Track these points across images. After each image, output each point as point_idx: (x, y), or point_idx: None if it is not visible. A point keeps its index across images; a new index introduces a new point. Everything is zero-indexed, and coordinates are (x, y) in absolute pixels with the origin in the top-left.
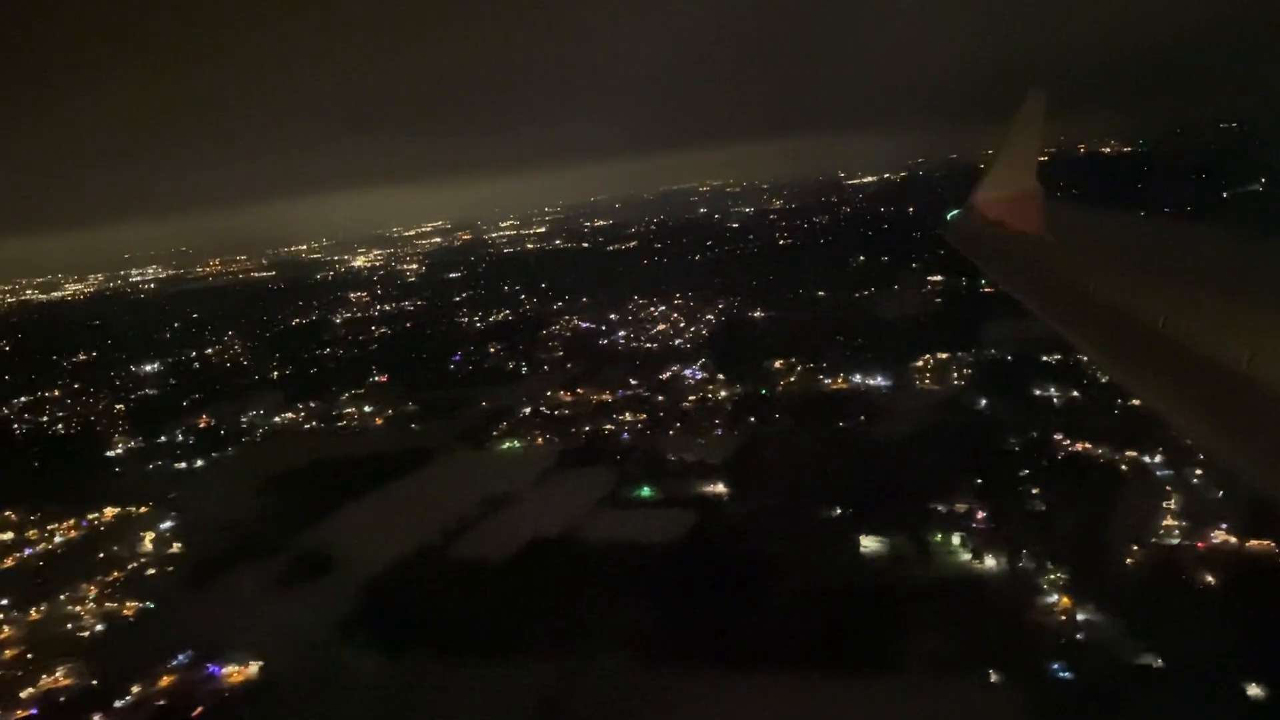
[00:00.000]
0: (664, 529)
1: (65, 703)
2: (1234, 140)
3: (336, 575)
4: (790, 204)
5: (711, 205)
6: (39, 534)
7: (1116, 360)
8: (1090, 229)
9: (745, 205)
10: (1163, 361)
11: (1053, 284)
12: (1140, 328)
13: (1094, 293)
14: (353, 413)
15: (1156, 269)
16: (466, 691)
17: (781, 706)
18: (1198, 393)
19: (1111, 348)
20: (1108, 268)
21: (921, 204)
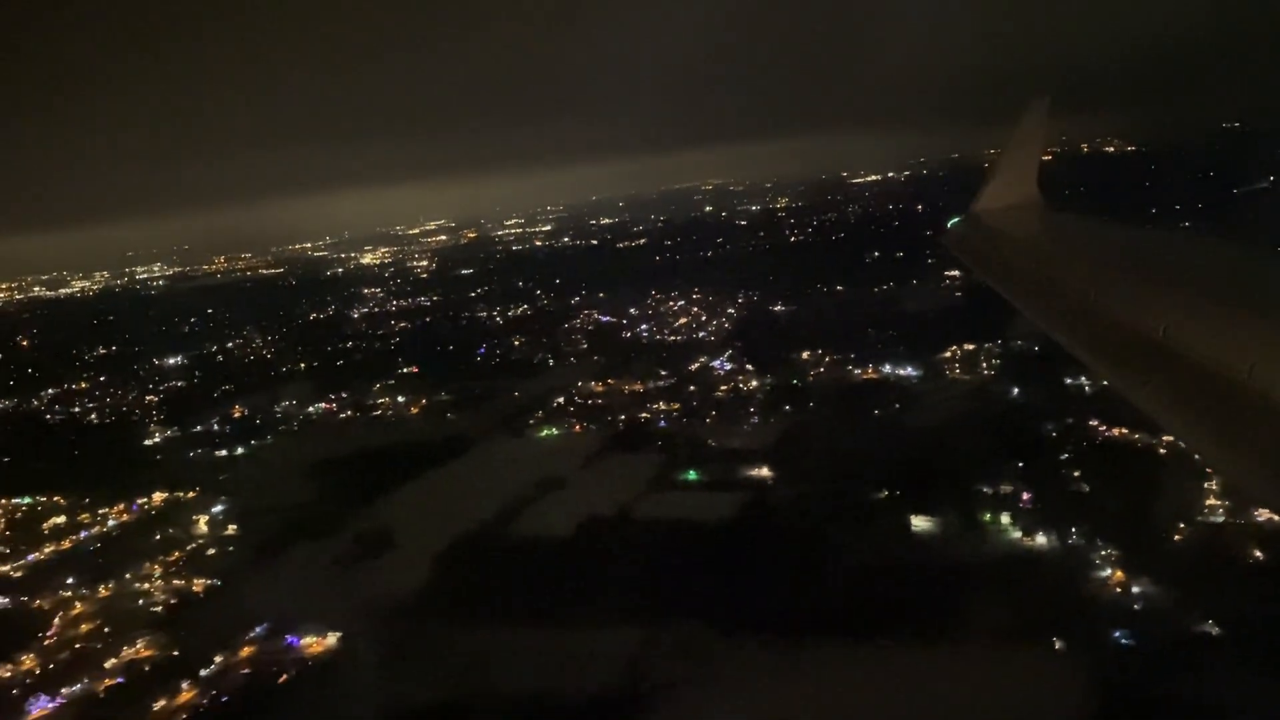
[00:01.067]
0: (717, 509)
1: (150, 671)
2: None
3: (401, 552)
4: (796, 202)
5: (716, 204)
6: (91, 518)
7: (1117, 370)
8: (1091, 238)
9: (751, 204)
10: (1164, 371)
11: (1053, 293)
12: (1141, 337)
13: (1095, 302)
14: (386, 402)
15: (1157, 278)
16: (546, 658)
17: (854, 673)
18: (1199, 403)
19: (1112, 357)
20: (1108, 277)
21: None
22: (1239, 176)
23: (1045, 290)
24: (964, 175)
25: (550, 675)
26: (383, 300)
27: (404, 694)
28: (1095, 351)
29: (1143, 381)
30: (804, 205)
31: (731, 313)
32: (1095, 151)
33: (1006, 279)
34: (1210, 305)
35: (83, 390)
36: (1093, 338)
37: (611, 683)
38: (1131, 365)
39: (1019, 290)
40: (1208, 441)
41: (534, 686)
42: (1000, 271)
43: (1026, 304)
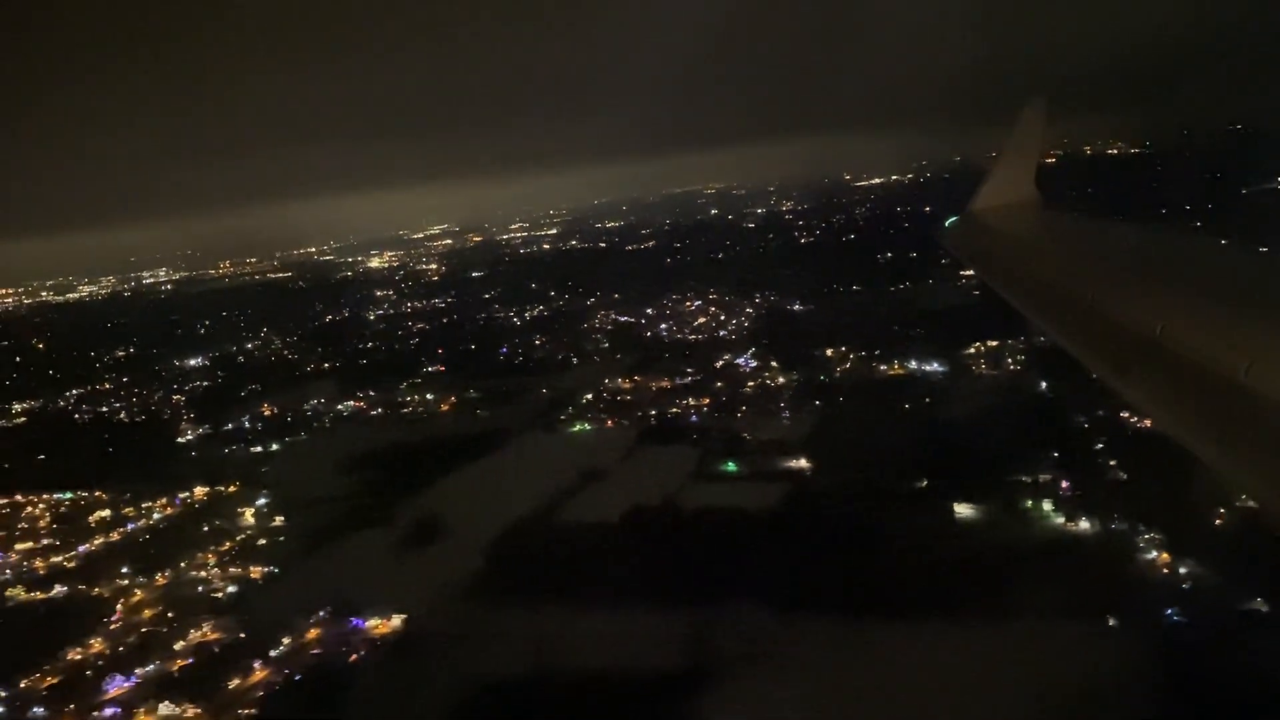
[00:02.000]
0: (761, 498)
1: (220, 652)
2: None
3: (454, 539)
4: (802, 205)
5: (721, 207)
6: (135, 511)
7: (1114, 369)
8: (1088, 237)
9: (755, 207)
10: (1160, 370)
11: (1050, 292)
12: (1138, 336)
13: (1091, 301)
14: (415, 400)
15: (1154, 277)
16: (609, 637)
17: (915, 650)
18: (1195, 402)
19: (1109, 356)
20: (1105, 275)
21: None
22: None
23: (1041, 288)
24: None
25: (615, 653)
26: (396, 302)
27: (475, 672)
28: (1091, 350)
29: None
30: (810, 207)
31: (750, 312)
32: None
33: (1003, 277)
34: (1206, 304)
35: (107, 390)
36: (1089, 336)
37: (674, 661)
38: (1128, 363)
39: (1015, 288)
40: (1204, 440)
41: (599, 664)
42: (997, 269)
43: (1023, 302)
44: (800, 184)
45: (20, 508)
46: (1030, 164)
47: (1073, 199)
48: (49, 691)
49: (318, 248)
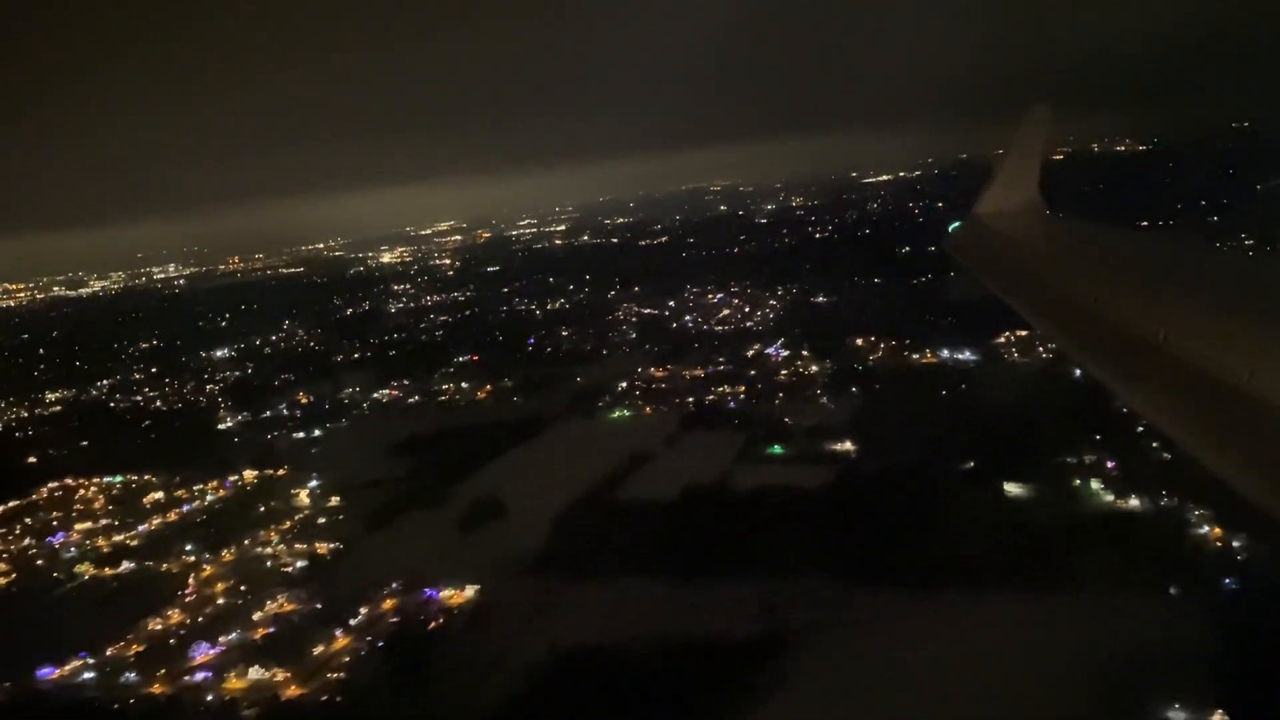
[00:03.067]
0: (811, 478)
1: (299, 622)
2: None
3: (515, 516)
4: (813, 201)
5: (730, 203)
6: (188, 494)
7: (1117, 375)
8: (1091, 242)
9: (765, 203)
10: (1163, 377)
11: (1053, 298)
12: (1141, 342)
13: (1094, 307)
14: (450, 388)
15: (1157, 283)
16: (680, 607)
17: (983, 620)
18: (1199, 408)
19: (1112, 362)
20: (1108, 282)
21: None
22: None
23: (1045, 294)
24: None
25: (687, 622)
26: (415, 296)
27: (553, 638)
28: (1095, 356)
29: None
30: (820, 204)
31: (774, 304)
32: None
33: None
34: (1210, 310)
35: (138, 381)
36: (1093, 342)
37: (745, 629)
38: (1131, 370)
39: (1019, 294)
40: (1207, 446)
41: (672, 631)
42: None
43: (1027, 308)
44: (808, 181)
45: (73, 490)
46: (1033, 169)
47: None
48: (136, 658)
49: (325, 244)
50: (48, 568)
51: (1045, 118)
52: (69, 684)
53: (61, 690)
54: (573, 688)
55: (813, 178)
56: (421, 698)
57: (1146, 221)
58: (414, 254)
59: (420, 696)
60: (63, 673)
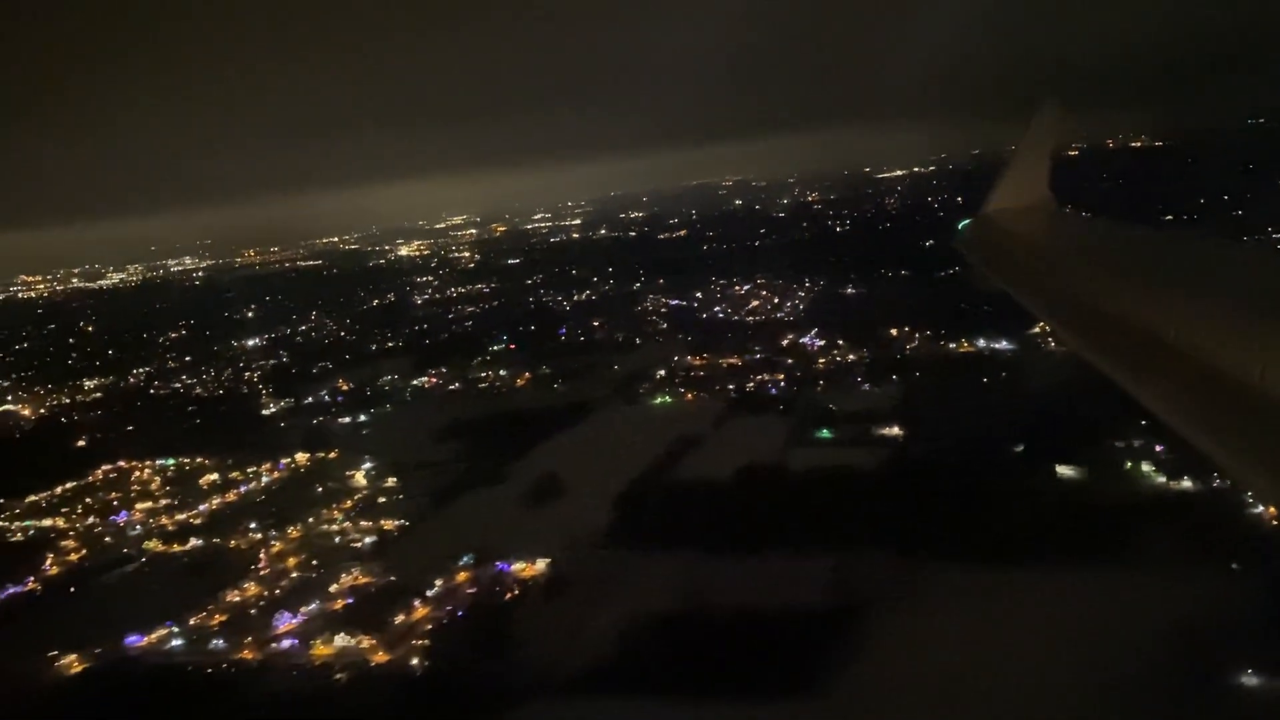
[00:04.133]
0: (863, 460)
1: (376, 594)
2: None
3: (575, 495)
4: (829, 195)
5: (744, 198)
6: (243, 475)
7: (1127, 372)
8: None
9: (779, 197)
10: (1173, 374)
11: (1063, 294)
12: (1151, 339)
13: (1104, 304)
14: (489, 375)
15: (1168, 280)
16: (747, 580)
17: (1046, 595)
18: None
19: (1122, 359)
20: (1118, 278)
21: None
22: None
23: (1056, 291)
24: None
25: (757, 594)
26: (439, 288)
27: (629, 608)
28: (1106, 353)
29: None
30: (837, 198)
31: (802, 295)
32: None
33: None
34: (1221, 307)
35: (174, 369)
36: (1104, 339)
37: (813, 601)
38: (1142, 367)
39: (1030, 291)
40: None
41: (744, 602)
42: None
43: (1038, 305)
44: (820, 176)
45: (127, 472)
46: (1043, 165)
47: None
48: (220, 628)
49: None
50: (117, 544)
51: (1055, 113)
52: (158, 650)
53: (152, 656)
54: (652, 654)
55: (826, 173)
56: (506, 664)
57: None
58: (431, 247)
59: (505, 663)
60: (150, 640)
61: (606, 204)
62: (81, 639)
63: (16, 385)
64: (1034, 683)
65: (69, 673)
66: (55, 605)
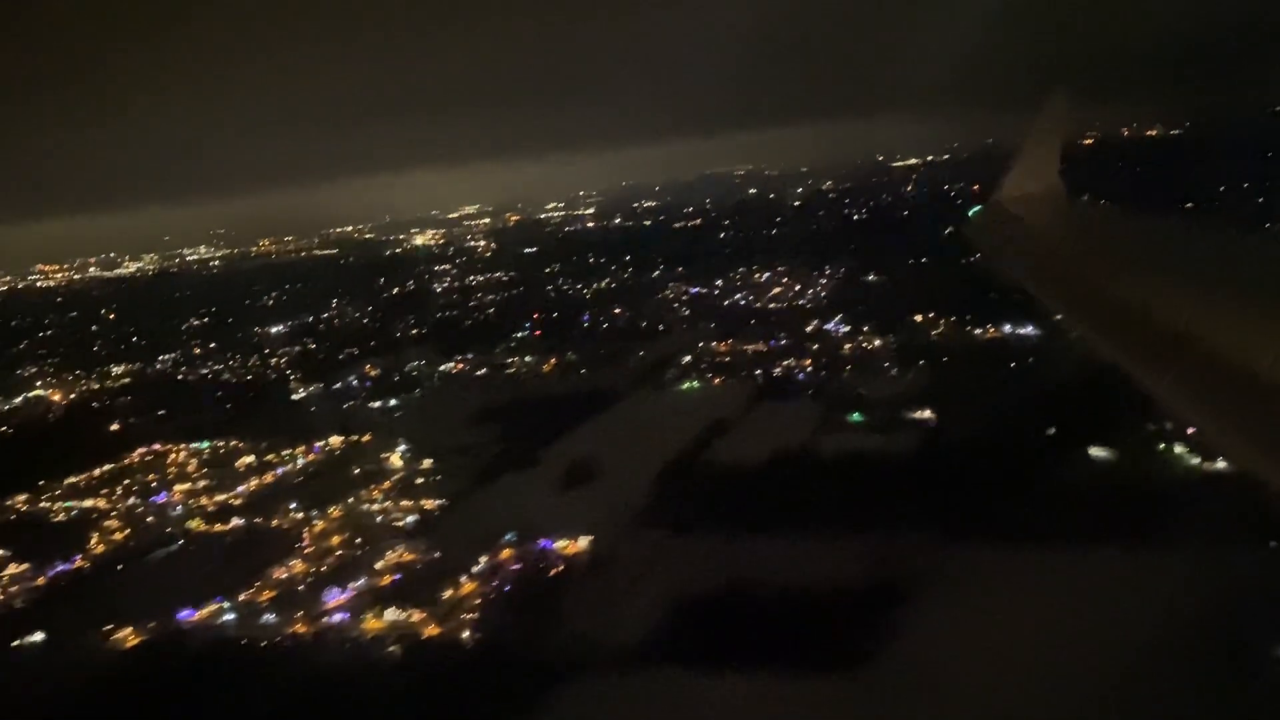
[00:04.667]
0: (897, 443)
1: (422, 570)
2: None
3: (610, 477)
4: (844, 184)
5: (757, 187)
6: (278, 458)
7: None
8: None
9: (793, 187)
10: (1184, 362)
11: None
12: (1163, 327)
13: (1115, 292)
14: (516, 362)
15: (1179, 268)
16: (790, 560)
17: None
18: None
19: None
20: (1129, 267)
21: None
22: None
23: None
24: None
25: (798, 572)
26: (457, 276)
27: (674, 584)
28: (1116, 340)
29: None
30: (852, 187)
31: (824, 282)
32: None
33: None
34: (1232, 295)
35: (201, 355)
36: (1113, 326)
37: (855, 578)
38: (1152, 355)
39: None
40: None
41: (785, 580)
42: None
43: (1047, 292)
44: (833, 165)
45: (163, 455)
46: (1053, 155)
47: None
48: (270, 603)
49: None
50: (159, 524)
51: (1064, 105)
52: (211, 625)
53: (206, 630)
54: (698, 628)
55: (839, 162)
56: (557, 636)
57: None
58: (446, 236)
59: (555, 635)
60: (202, 615)
61: (619, 193)
62: (134, 614)
63: (44, 372)
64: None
65: (125, 646)
66: (104, 582)
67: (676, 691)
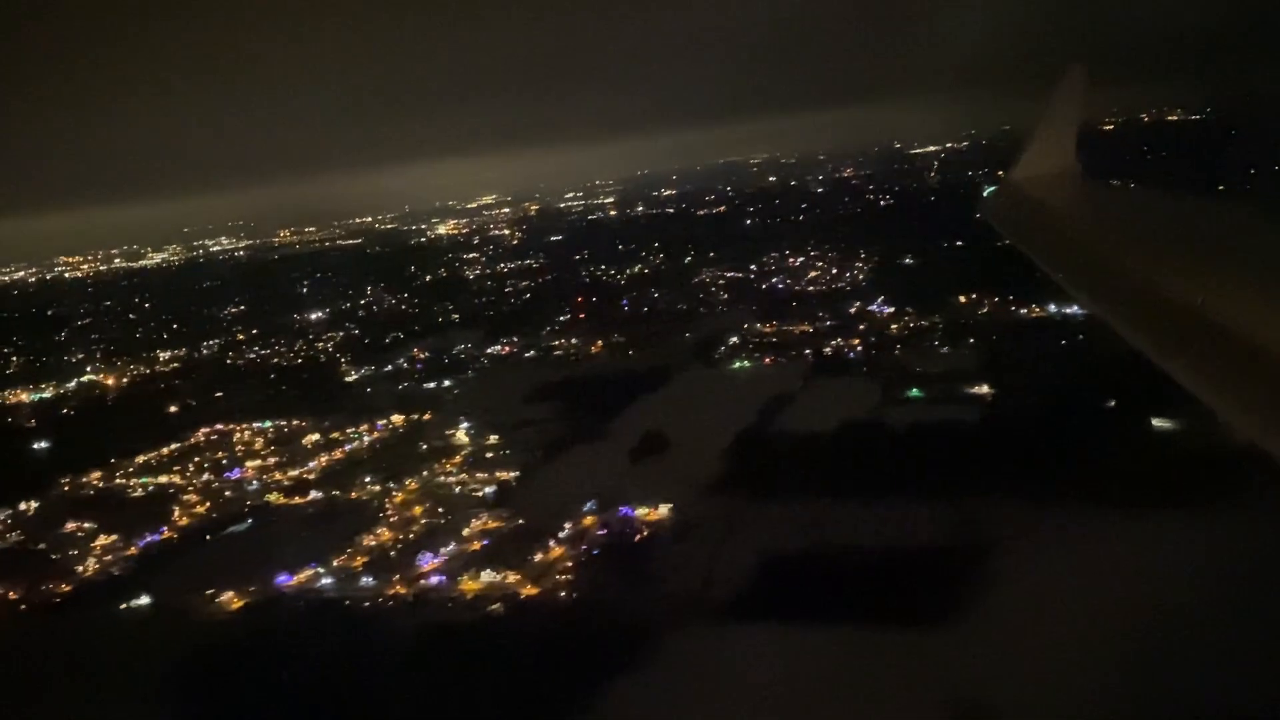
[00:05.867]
0: (960, 415)
1: (509, 535)
2: None
3: (681, 448)
4: (866, 171)
5: (776, 175)
6: (343, 436)
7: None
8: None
9: (812, 174)
10: (1200, 342)
11: (1089, 263)
12: (1178, 308)
13: (1131, 271)
14: (562, 344)
15: (1196, 248)
16: (871, 523)
17: (1165, 534)
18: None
19: (1149, 328)
20: (1145, 246)
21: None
22: None
23: (1081, 258)
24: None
25: (880, 534)
26: (487, 264)
27: (760, 547)
28: (1131, 321)
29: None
30: (874, 174)
31: (860, 265)
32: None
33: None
34: (1249, 276)
35: (244, 341)
36: (1128, 307)
37: (937, 539)
38: (1168, 336)
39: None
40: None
41: (869, 541)
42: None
43: (1063, 272)
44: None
45: (227, 434)
46: (1070, 132)
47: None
48: (364, 568)
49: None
50: (238, 498)
51: (1082, 79)
52: (310, 589)
53: (306, 594)
54: (788, 586)
55: (855, 149)
56: (652, 595)
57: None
58: (469, 225)
59: (651, 594)
60: (300, 579)
61: (636, 182)
62: (232, 579)
63: (90, 357)
64: (1153, 616)
65: (230, 608)
66: (195, 551)
67: (772, 645)
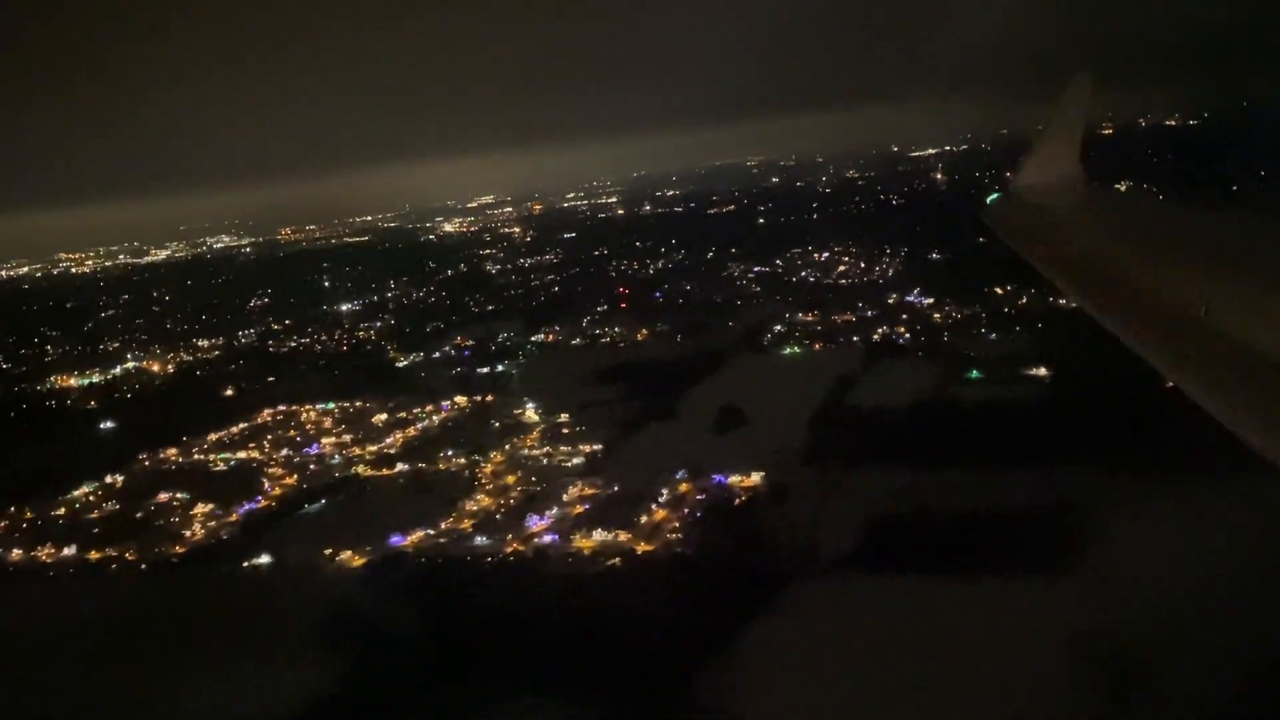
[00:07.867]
0: (1027, 393)
1: (609, 501)
2: None
3: (758, 423)
4: (868, 173)
5: (776, 176)
6: (409, 415)
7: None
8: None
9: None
10: (1204, 350)
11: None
12: (1182, 316)
13: (1135, 279)
14: (606, 331)
15: (1199, 256)
16: (964, 491)
17: (1240, 500)
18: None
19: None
20: (1149, 253)
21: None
22: None
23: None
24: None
25: (968, 500)
26: (504, 259)
27: (855, 510)
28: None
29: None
30: (877, 175)
31: (888, 259)
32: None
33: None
34: (1253, 283)
35: (281, 331)
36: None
37: (1026, 505)
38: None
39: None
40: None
41: (958, 506)
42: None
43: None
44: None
45: (293, 415)
46: (1074, 139)
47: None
48: (474, 529)
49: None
50: (324, 470)
51: (1086, 87)
52: (425, 548)
53: (424, 552)
54: (897, 543)
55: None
56: (762, 553)
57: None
58: (476, 224)
59: (760, 552)
60: (413, 540)
61: (635, 183)
62: (345, 540)
63: (127, 346)
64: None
65: (352, 565)
66: (297, 517)
67: (892, 592)
